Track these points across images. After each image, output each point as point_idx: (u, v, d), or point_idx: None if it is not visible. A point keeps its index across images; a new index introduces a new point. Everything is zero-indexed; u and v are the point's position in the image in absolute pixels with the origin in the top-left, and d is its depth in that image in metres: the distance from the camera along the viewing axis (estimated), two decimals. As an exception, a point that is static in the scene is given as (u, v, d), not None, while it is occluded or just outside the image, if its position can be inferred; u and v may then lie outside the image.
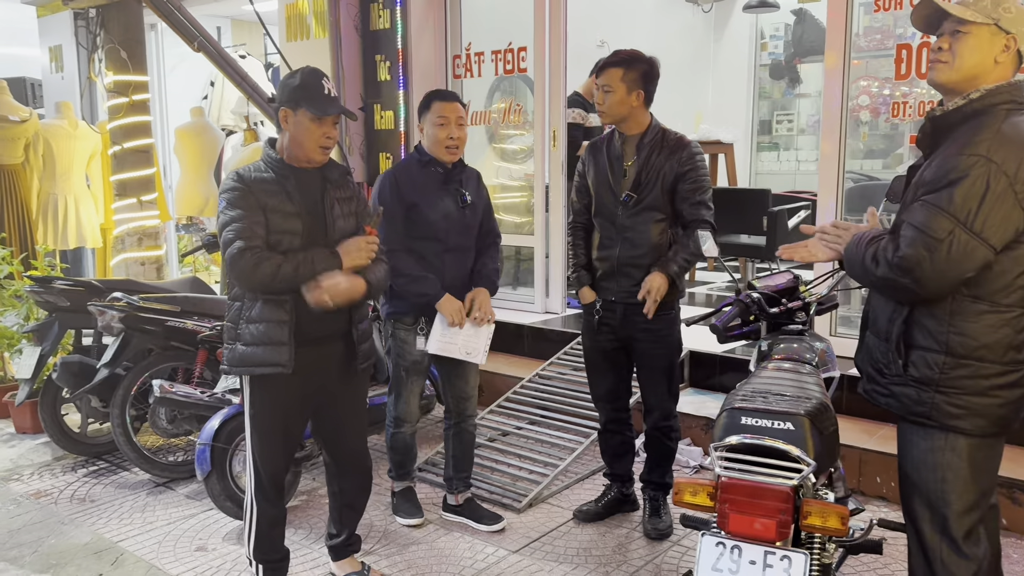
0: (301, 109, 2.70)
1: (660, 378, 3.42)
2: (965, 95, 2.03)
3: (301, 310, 2.74)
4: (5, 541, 3.62)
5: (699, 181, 3.26)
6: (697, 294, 7.03)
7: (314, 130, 2.72)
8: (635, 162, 3.28)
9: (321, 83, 2.74)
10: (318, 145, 2.74)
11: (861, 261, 2.13)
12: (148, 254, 5.47)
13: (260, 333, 2.74)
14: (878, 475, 3.84)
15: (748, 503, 1.89)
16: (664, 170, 3.24)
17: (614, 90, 3.22)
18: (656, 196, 3.25)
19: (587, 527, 3.63)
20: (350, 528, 3.19)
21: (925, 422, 2.13)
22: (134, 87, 5.29)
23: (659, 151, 3.26)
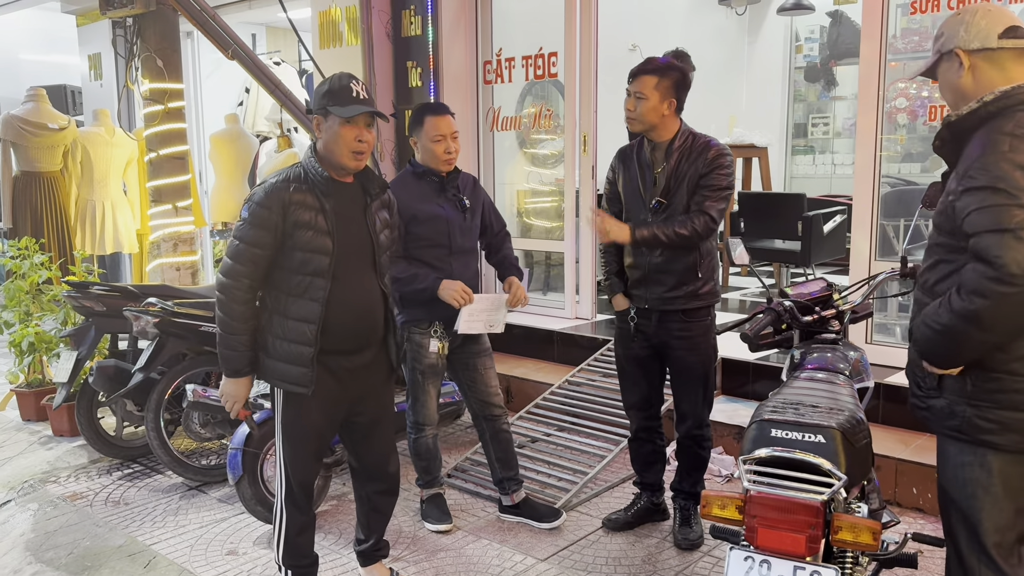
0: (331, 115, 2.70)
1: (695, 385, 3.39)
2: (979, 99, 2.03)
3: (331, 322, 2.76)
4: (42, 543, 3.69)
5: (718, 178, 3.19)
6: (730, 300, 6.96)
7: (345, 134, 2.70)
8: (664, 168, 3.26)
9: (349, 85, 2.71)
10: (350, 150, 2.71)
11: (949, 329, 1.96)
12: (183, 259, 5.55)
13: (285, 350, 2.77)
14: (914, 486, 3.76)
15: (777, 517, 1.85)
16: (690, 174, 3.21)
17: (647, 97, 3.19)
18: (684, 201, 3.22)
19: (616, 536, 3.60)
20: (378, 533, 3.20)
21: (957, 436, 2.07)
22: (170, 95, 5.37)
23: (688, 156, 3.23)
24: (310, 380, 2.77)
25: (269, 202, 2.69)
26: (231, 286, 2.75)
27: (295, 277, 2.74)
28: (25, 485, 4.32)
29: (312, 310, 2.74)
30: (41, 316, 4.99)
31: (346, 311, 2.80)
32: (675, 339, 3.32)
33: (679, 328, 3.29)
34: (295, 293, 2.75)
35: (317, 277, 2.73)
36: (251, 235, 2.70)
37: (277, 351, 2.79)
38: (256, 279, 2.75)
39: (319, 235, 2.73)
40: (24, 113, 6.30)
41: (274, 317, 2.79)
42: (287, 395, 2.83)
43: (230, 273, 2.74)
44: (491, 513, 3.85)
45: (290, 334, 2.76)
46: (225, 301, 2.75)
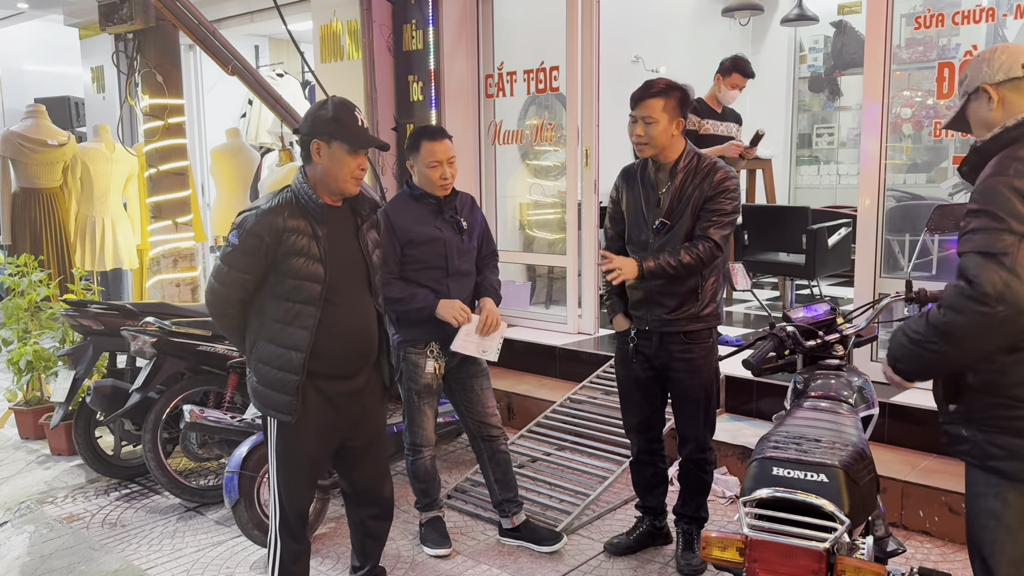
0: (336, 142, 2.68)
1: (696, 408, 3.34)
2: (1003, 124, 2.10)
3: (325, 347, 2.72)
4: (37, 567, 3.65)
5: (723, 203, 3.16)
6: (735, 313, 6.90)
7: (349, 162, 2.70)
8: (668, 189, 3.22)
9: (354, 115, 2.72)
10: (352, 177, 2.72)
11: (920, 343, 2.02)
12: (183, 275, 5.51)
13: (271, 377, 2.74)
14: (921, 509, 3.70)
15: (779, 561, 1.80)
16: (695, 196, 3.17)
17: (657, 120, 3.14)
18: (687, 223, 3.18)
19: (619, 561, 3.54)
20: (374, 559, 3.15)
21: (970, 461, 2.06)
22: (170, 110, 5.34)
23: (692, 177, 3.19)
24: (294, 408, 2.73)
25: (260, 230, 2.66)
26: (221, 311, 2.78)
27: (284, 304, 2.71)
28: (22, 506, 4.28)
29: (301, 338, 2.70)
30: (40, 334, 4.96)
31: (340, 336, 2.76)
32: (676, 361, 3.27)
33: (680, 350, 3.25)
34: (284, 320, 2.71)
35: (308, 305, 2.70)
36: (241, 262, 2.68)
37: (264, 377, 2.75)
38: (247, 300, 2.75)
39: (311, 262, 2.69)
40: (23, 129, 6.28)
41: (261, 343, 2.76)
42: (280, 423, 2.79)
43: (219, 296, 2.75)
44: (491, 536, 3.80)
45: (277, 361, 2.72)
46: (224, 323, 2.82)
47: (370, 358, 2.90)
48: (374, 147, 2.80)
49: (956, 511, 3.59)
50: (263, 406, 2.78)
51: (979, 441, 2.02)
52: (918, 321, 2.03)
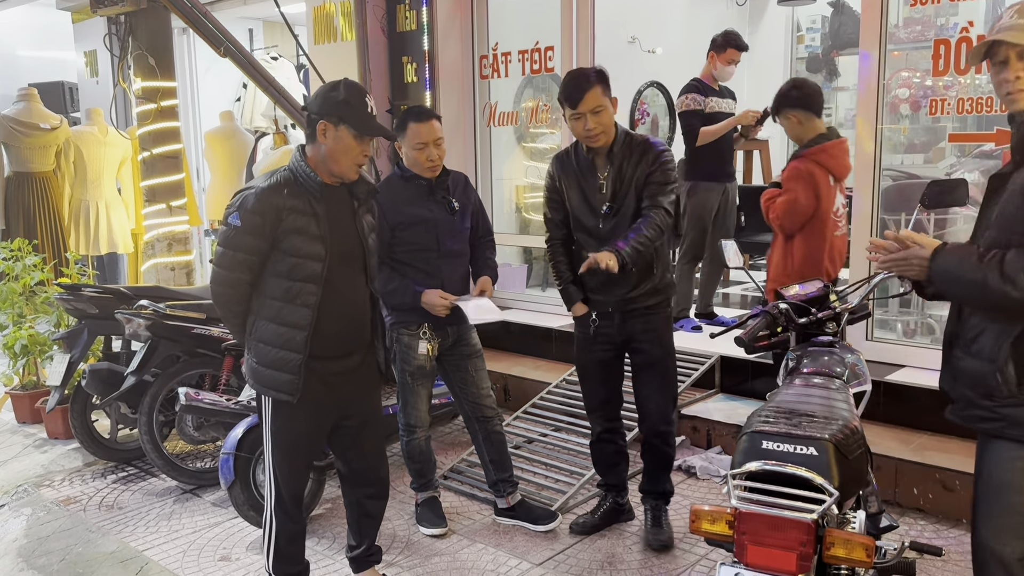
0: (344, 126, 2.65)
1: (658, 380, 3.39)
2: None
3: (321, 328, 2.72)
4: (35, 549, 3.66)
5: (664, 176, 3.20)
6: (731, 295, 6.90)
7: (354, 148, 2.68)
8: (609, 173, 3.23)
9: (365, 100, 2.70)
10: (355, 163, 2.71)
11: (982, 281, 1.90)
12: (178, 259, 5.50)
13: (272, 356, 2.73)
14: (915, 486, 3.71)
15: (768, 535, 1.80)
16: (636, 175, 3.20)
17: (605, 107, 3.15)
18: (632, 203, 3.22)
19: (613, 539, 3.55)
20: (370, 538, 3.16)
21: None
22: (162, 93, 5.31)
23: (628, 158, 3.21)
24: (296, 388, 2.73)
25: (262, 208, 2.64)
26: (231, 296, 2.73)
27: (285, 283, 2.70)
28: (19, 489, 4.29)
29: (303, 316, 2.70)
30: (35, 318, 4.96)
31: (336, 316, 2.76)
32: (640, 333, 3.33)
33: (643, 322, 3.31)
34: (285, 299, 2.70)
35: (309, 283, 2.69)
36: (246, 243, 2.66)
37: (264, 357, 2.74)
38: (254, 282, 2.73)
39: (311, 241, 2.68)
40: (15, 113, 6.26)
41: (261, 322, 2.75)
42: (275, 403, 2.79)
43: (228, 283, 2.71)
44: (487, 516, 3.81)
45: (278, 340, 2.72)
46: (225, 308, 2.78)
47: (363, 339, 2.90)
48: (381, 136, 2.78)
49: (950, 488, 3.60)
50: (262, 386, 2.77)
51: None
52: (989, 265, 1.90)
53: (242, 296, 2.74)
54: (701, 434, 4.44)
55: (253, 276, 2.70)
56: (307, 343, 2.70)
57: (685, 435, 4.46)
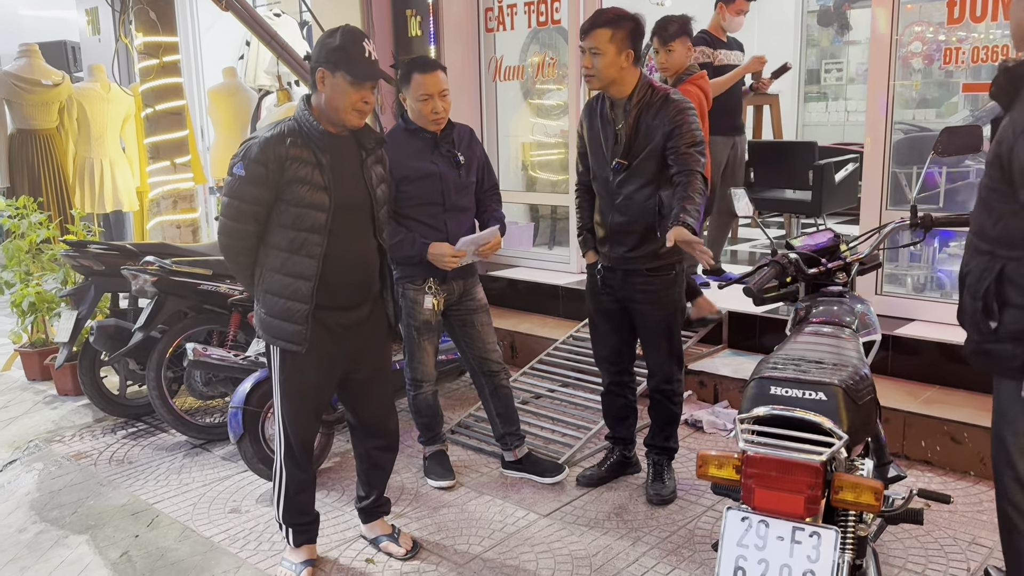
0: (340, 72, 2.62)
1: (660, 340, 3.36)
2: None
3: (328, 278, 2.71)
4: (47, 502, 3.70)
5: (690, 136, 3.08)
6: (739, 252, 6.87)
7: (351, 94, 2.64)
8: (624, 126, 3.16)
9: (362, 45, 2.65)
10: (354, 109, 2.67)
11: None
12: (183, 217, 5.46)
13: (279, 307, 2.73)
14: (923, 439, 3.71)
15: (775, 478, 1.79)
16: (653, 131, 3.11)
17: (603, 52, 3.05)
18: (645, 160, 3.13)
19: (619, 491, 3.57)
20: (379, 490, 3.18)
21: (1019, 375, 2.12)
22: (164, 48, 5.23)
23: (647, 111, 3.12)
24: (304, 338, 2.73)
25: (265, 157, 2.62)
26: (238, 248, 2.72)
27: (290, 233, 2.68)
28: (30, 444, 4.33)
29: (308, 266, 2.69)
30: (41, 276, 4.95)
31: (343, 267, 2.75)
32: (639, 293, 3.29)
33: (642, 283, 3.26)
34: (290, 249, 2.69)
35: (313, 233, 2.68)
36: (250, 193, 2.64)
37: (272, 307, 2.74)
38: (260, 233, 2.71)
39: (315, 190, 2.66)
40: (17, 69, 6.19)
41: (267, 273, 2.74)
42: (283, 353, 2.79)
43: (234, 234, 2.70)
44: (494, 469, 3.83)
45: (285, 291, 2.71)
46: (237, 261, 2.77)
47: (371, 290, 2.88)
48: (378, 80, 2.71)
49: (958, 440, 3.59)
50: (271, 337, 2.77)
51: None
52: None
53: (249, 247, 2.73)
54: (708, 389, 4.44)
55: (259, 227, 2.69)
56: (313, 293, 2.70)
57: (692, 390, 4.46)
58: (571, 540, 3.19)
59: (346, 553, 3.17)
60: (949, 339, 4.01)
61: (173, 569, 3.12)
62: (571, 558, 3.07)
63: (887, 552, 3.00)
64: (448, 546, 3.20)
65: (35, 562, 3.22)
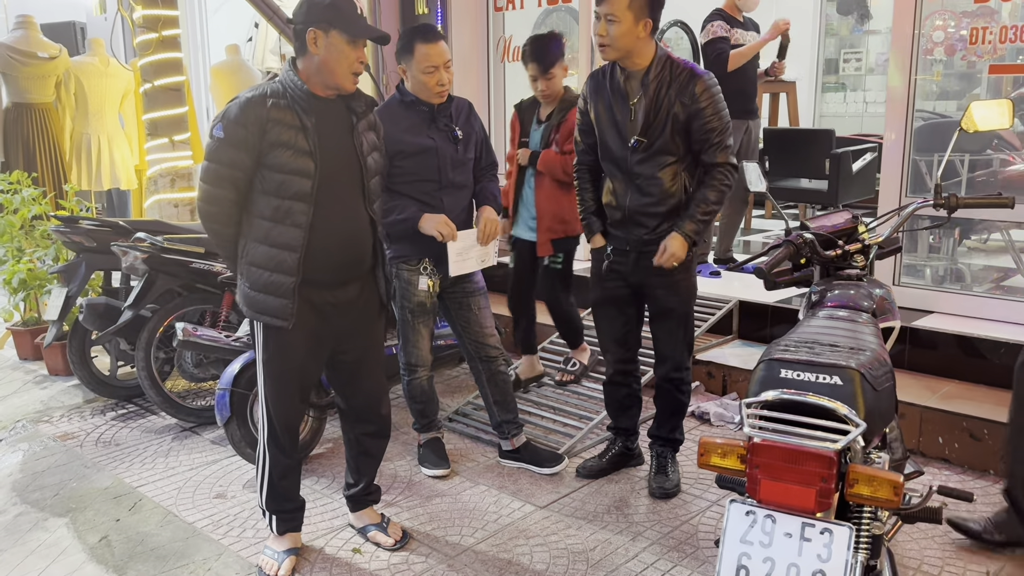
0: (334, 31, 2.49)
1: (674, 327, 3.20)
2: None
3: (314, 251, 2.56)
4: (29, 483, 3.58)
5: (716, 119, 2.94)
6: (752, 243, 6.68)
7: (348, 53, 2.51)
8: (640, 100, 2.97)
9: (352, 3, 2.54)
10: (351, 71, 2.54)
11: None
12: (181, 195, 5.34)
13: (263, 280, 2.58)
14: (940, 435, 3.53)
15: (784, 468, 1.63)
16: (675, 108, 2.93)
17: (620, 20, 2.86)
18: (666, 139, 2.96)
19: (620, 483, 3.42)
20: (368, 477, 3.04)
21: None
22: (164, 22, 5.10)
23: (667, 86, 2.94)
24: (290, 312, 2.58)
25: (245, 119, 2.48)
26: (216, 216, 2.57)
27: (274, 201, 2.54)
28: (17, 425, 4.22)
29: (293, 236, 2.54)
30: (33, 252, 4.84)
31: (331, 239, 2.60)
32: (654, 278, 3.12)
33: (657, 269, 3.08)
34: (274, 219, 2.55)
35: (298, 201, 2.53)
36: (228, 156, 2.50)
37: (256, 281, 2.59)
38: (240, 201, 2.56)
39: (299, 156, 2.51)
40: (13, 41, 6.06)
41: (251, 244, 2.59)
42: (267, 330, 2.65)
43: (213, 200, 2.55)
44: (491, 458, 3.68)
45: (269, 262, 2.56)
46: (216, 230, 2.61)
47: (361, 266, 2.73)
48: (374, 37, 2.60)
49: (977, 437, 3.42)
50: (255, 312, 2.62)
51: None
52: None
53: (228, 216, 2.58)
54: (717, 380, 4.28)
55: (238, 194, 2.54)
56: (299, 265, 2.55)
57: (700, 381, 4.30)
58: (568, 533, 3.05)
59: (332, 542, 3.04)
60: (969, 332, 3.83)
61: (152, 555, 2.99)
62: (568, 552, 2.92)
63: (902, 552, 2.84)
64: (439, 537, 3.05)
65: (12, 545, 3.10)
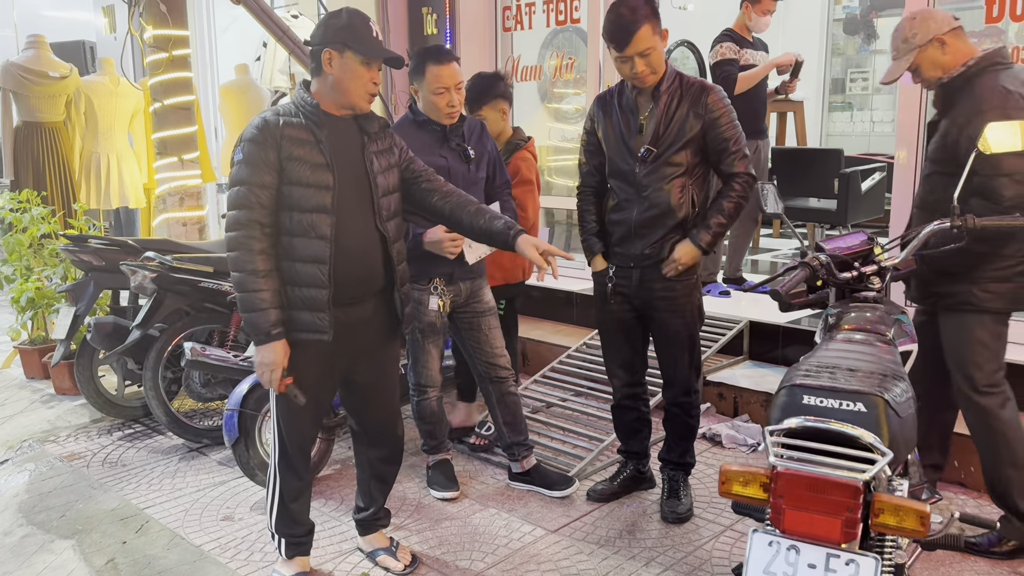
0: (349, 52, 2.49)
1: (679, 350, 3.16)
2: (963, 64, 2.71)
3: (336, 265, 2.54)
4: (35, 504, 3.55)
5: (732, 128, 2.96)
6: (761, 261, 6.66)
7: (363, 74, 2.52)
8: (651, 113, 2.98)
9: (369, 25, 2.55)
10: (366, 91, 2.55)
11: None
12: (189, 214, 5.34)
13: (300, 296, 2.54)
14: (955, 458, 3.49)
15: (809, 498, 1.60)
16: (687, 120, 2.93)
17: (654, 47, 2.88)
18: (677, 150, 2.96)
19: (631, 507, 3.38)
20: (379, 502, 3.01)
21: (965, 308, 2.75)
22: (174, 42, 5.12)
23: (679, 98, 2.95)
24: (329, 325, 2.55)
25: (261, 137, 2.48)
26: (244, 237, 2.47)
27: (295, 215, 2.51)
28: (24, 444, 4.19)
29: (320, 249, 2.52)
30: (42, 271, 4.83)
31: (346, 255, 2.57)
32: (657, 299, 3.09)
33: (661, 288, 3.06)
34: (298, 233, 2.52)
35: (320, 213, 2.51)
36: (250, 175, 2.48)
37: (289, 299, 2.55)
38: (268, 222, 2.49)
39: (316, 169, 2.51)
40: (24, 61, 6.09)
41: (285, 264, 2.55)
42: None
43: (239, 223, 2.48)
44: (500, 480, 3.64)
45: (300, 278, 2.53)
46: (239, 256, 2.47)
47: (372, 284, 2.69)
48: (388, 60, 2.59)
49: (994, 461, 3.37)
50: (292, 330, 2.55)
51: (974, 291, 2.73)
52: None
53: (255, 240, 2.46)
54: (728, 401, 4.24)
55: (266, 213, 2.48)
56: (330, 276, 2.52)
57: (711, 402, 4.27)
58: (580, 559, 3.00)
59: (341, 566, 3.00)
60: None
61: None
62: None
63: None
64: (449, 562, 3.01)
65: (18, 567, 3.06)
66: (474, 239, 2.82)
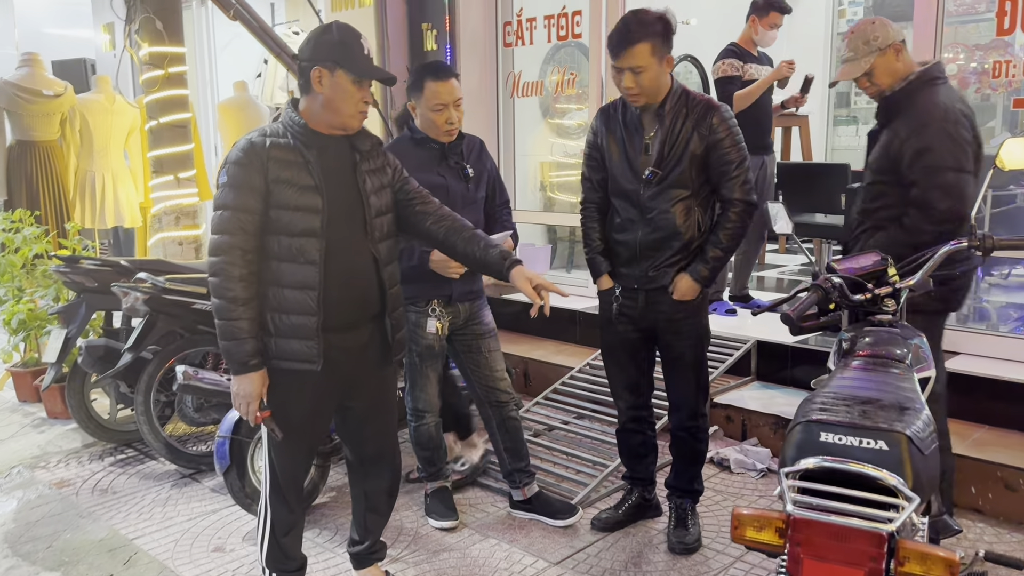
0: (340, 70, 2.39)
1: (686, 372, 3.06)
2: (904, 78, 2.78)
3: (327, 290, 2.44)
4: (21, 534, 3.44)
5: (735, 151, 2.86)
6: (767, 278, 6.55)
7: (354, 93, 2.42)
8: (657, 133, 2.88)
9: (360, 42, 2.44)
10: (357, 110, 2.45)
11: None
12: (186, 234, 5.24)
13: (287, 324, 2.44)
14: (973, 485, 3.37)
15: (829, 547, 1.49)
16: (691, 140, 2.84)
17: (646, 68, 2.78)
18: (682, 171, 2.86)
19: (638, 536, 3.26)
20: (375, 535, 2.89)
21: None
22: (170, 59, 5.05)
23: (684, 118, 2.86)
24: (317, 354, 2.44)
25: (247, 159, 2.37)
26: (223, 263, 2.38)
27: (283, 239, 2.41)
28: (12, 471, 4.09)
29: (309, 275, 2.41)
30: (34, 292, 4.73)
31: (338, 280, 2.46)
32: (664, 322, 3.00)
33: (668, 308, 2.96)
34: (286, 258, 2.41)
35: (309, 237, 2.41)
36: (234, 199, 2.37)
37: (280, 327, 2.45)
38: (250, 248, 2.39)
39: (304, 192, 2.40)
40: (18, 79, 6.02)
41: (273, 290, 2.45)
42: (275, 375, 2.50)
43: (219, 248, 2.39)
44: (501, 509, 3.53)
45: (288, 305, 2.43)
46: (219, 283, 2.37)
47: (367, 308, 2.59)
48: (379, 79, 2.50)
49: (1013, 488, 3.26)
50: (279, 359, 2.46)
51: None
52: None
53: (236, 266, 2.37)
54: (736, 424, 4.12)
55: (247, 238, 2.38)
56: (320, 304, 2.42)
57: (718, 425, 4.15)
58: (584, 592, 2.89)
59: (335, 602, 2.89)
60: (1000, 375, 3.67)
61: (145, 615, 2.84)
62: (583, 614, 2.76)
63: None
64: (447, 596, 2.90)
65: (0, 602, 2.96)
66: (468, 267, 2.73)
